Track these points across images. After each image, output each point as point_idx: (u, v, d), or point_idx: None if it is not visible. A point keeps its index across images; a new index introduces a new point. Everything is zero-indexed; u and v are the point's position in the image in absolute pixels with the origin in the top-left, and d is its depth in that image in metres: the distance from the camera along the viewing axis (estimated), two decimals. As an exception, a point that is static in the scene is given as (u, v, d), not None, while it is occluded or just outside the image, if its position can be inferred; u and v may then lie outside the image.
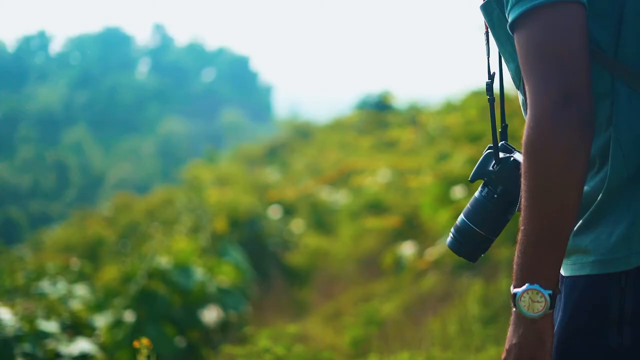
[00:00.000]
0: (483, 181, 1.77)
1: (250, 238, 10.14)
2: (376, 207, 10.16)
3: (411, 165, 10.35)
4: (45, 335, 5.65)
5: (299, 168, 17.40)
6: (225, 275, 7.87)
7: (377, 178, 11.59)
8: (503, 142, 1.81)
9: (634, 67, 1.59)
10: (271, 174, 17.08)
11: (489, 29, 1.76)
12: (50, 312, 6.19)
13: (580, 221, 1.61)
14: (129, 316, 6.57)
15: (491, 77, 1.81)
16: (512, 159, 1.74)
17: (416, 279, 7.38)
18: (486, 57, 1.83)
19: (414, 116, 15.41)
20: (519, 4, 1.55)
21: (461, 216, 1.78)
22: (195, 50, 78.21)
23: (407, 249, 8.07)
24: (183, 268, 7.10)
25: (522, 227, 1.54)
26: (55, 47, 78.20)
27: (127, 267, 7.37)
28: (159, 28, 79.93)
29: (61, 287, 7.48)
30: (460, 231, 1.77)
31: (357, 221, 10.39)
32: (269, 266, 9.78)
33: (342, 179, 13.38)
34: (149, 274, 6.89)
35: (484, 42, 1.83)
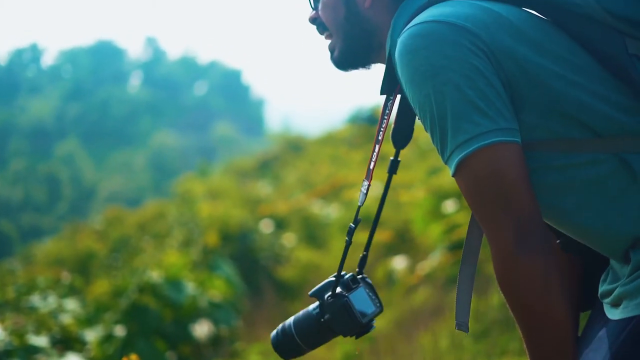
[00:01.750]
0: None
1: (242, 252, 10.12)
2: (368, 221, 10.14)
3: (403, 180, 10.34)
4: (35, 349, 5.62)
5: (291, 181, 17.39)
6: (217, 290, 7.85)
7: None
8: (352, 275, 1.99)
9: (624, 134, 1.62)
10: (263, 188, 17.07)
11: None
12: (41, 326, 6.17)
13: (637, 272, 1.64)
14: (119, 330, 6.54)
15: (357, 222, 2.00)
16: (344, 299, 1.90)
17: (408, 293, 7.38)
18: (360, 202, 2.00)
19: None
20: (456, 152, 1.60)
21: (291, 319, 1.96)
22: (187, 64, 78.27)
23: (399, 263, 8.07)
24: (174, 282, 7.07)
25: (527, 351, 1.64)
26: (47, 59, 78.28)
27: (118, 281, 7.35)
28: (151, 41, 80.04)
29: (51, 301, 7.45)
30: (284, 332, 1.95)
31: (348, 235, 10.36)
32: (260, 280, 9.75)
33: (333, 193, 13.38)
34: (139, 288, 6.87)
35: (363, 191, 1.98)
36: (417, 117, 1.88)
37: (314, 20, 1.91)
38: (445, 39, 1.59)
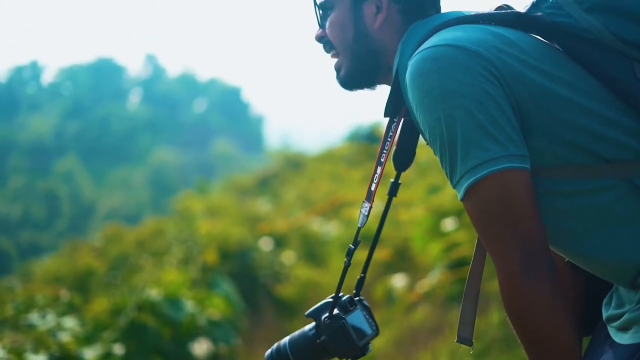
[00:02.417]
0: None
1: (241, 270, 10.10)
2: (367, 239, 10.13)
3: (402, 198, 10.34)
4: (34, 368, 5.60)
5: (290, 199, 17.38)
6: (216, 308, 7.83)
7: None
8: (349, 296, 1.98)
9: (634, 159, 1.63)
10: (262, 205, 17.06)
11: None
12: (39, 344, 6.14)
13: None
14: (118, 349, 6.52)
15: (356, 244, 1.99)
16: (342, 321, 1.90)
17: (407, 311, 7.36)
18: (359, 223, 1.99)
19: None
20: (465, 177, 1.60)
21: (287, 339, 1.96)
22: (186, 81, 78.42)
23: (398, 281, 8.05)
24: (173, 300, 7.07)
25: None
26: (47, 77, 78.54)
27: (116, 299, 7.34)
28: (151, 58, 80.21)
29: (50, 319, 7.43)
30: (279, 352, 1.95)
31: (348, 253, 10.35)
32: (259, 298, 9.73)
33: (333, 211, 13.37)
34: (138, 306, 6.86)
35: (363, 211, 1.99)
36: (419, 140, 1.88)
37: (320, 38, 1.90)
38: (457, 63, 1.59)
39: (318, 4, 1.89)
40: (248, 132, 71.52)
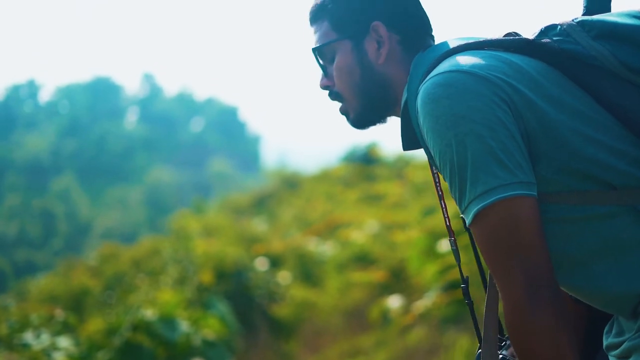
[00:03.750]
0: None
1: (237, 290, 10.08)
2: (363, 260, 10.15)
3: (398, 219, 10.36)
4: (28, 388, 5.59)
5: (287, 219, 17.38)
6: (211, 328, 7.82)
7: (364, 231, 11.59)
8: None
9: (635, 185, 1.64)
10: (258, 225, 17.05)
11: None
12: (33, 364, 6.13)
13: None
14: (113, 369, 6.51)
15: (465, 281, 1.93)
16: (500, 357, 1.86)
17: (402, 332, 7.36)
18: (456, 259, 1.95)
19: (401, 169, 15.47)
20: (474, 203, 1.61)
21: None
22: (184, 100, 78.46)
23: (394, 302, 8.06)
24: (168, 320, 7.06)
25: None
26: (44, 95, 78.40)
27: (112, 319, 7.33)
28: (148, 78, 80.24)
29: (45, 338, 7.41)
30: None
31: (344, 273, 10.37)
32: (255, 318, 9.72)
33: (329, 231, 13.37)
34: (133, 326, 6.85)
35: (451, 244, 1.97)
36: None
37: (325, 87, 1.92)
38: (468, 89, 1.60)
39: (318, 53, 1.90)
40: (245, 152, 71.54)
